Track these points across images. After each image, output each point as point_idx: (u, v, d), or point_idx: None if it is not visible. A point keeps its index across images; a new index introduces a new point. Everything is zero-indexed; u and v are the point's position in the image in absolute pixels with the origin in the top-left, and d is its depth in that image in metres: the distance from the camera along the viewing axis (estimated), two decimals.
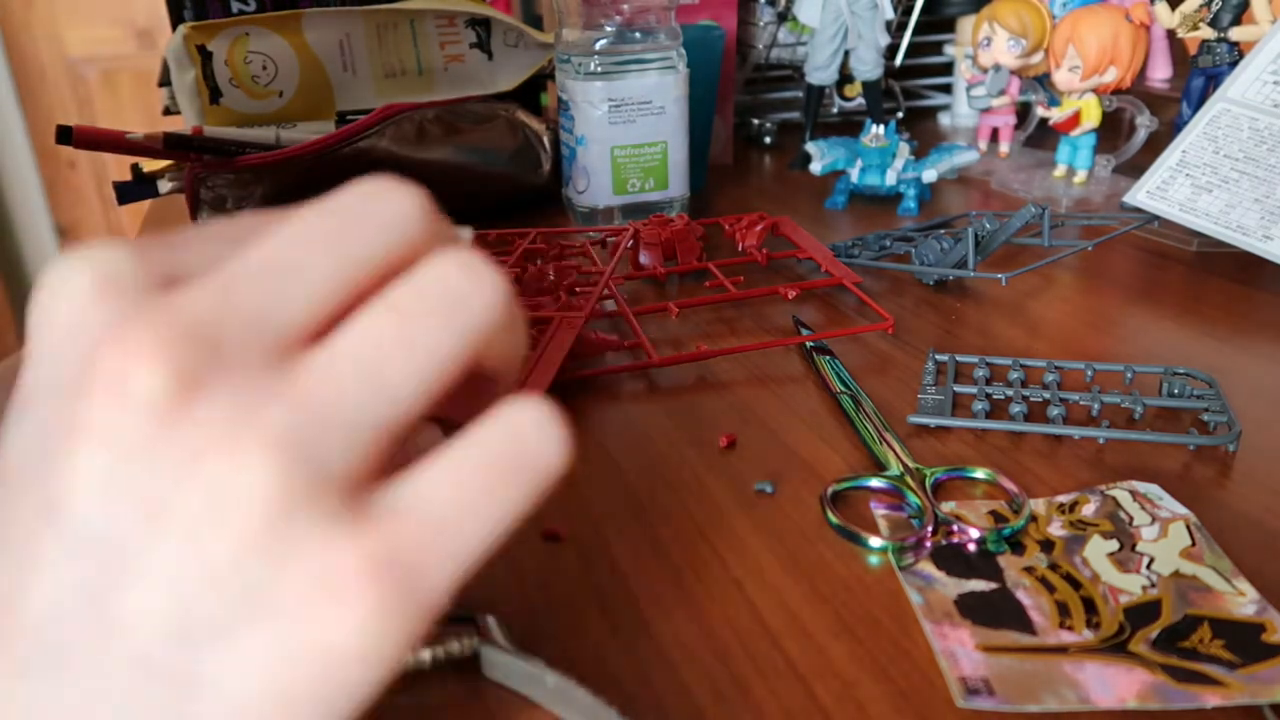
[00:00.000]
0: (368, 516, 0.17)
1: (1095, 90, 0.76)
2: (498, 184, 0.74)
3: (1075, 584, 0.34)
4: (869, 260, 0.62)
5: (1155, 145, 0.71)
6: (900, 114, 1.01)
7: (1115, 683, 0.29)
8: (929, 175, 0.74)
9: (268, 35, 0.71)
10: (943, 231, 0.64)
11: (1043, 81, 0.80)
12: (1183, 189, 0.62)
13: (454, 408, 0.21)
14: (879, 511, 0.38)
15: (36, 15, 2.12)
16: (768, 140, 0.96)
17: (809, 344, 0.51)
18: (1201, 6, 0.71)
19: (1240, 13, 0.71)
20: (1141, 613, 0.32)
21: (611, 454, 0.43)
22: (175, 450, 0.16)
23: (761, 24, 0.96)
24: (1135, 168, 0.73)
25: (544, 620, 0.33)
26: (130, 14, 2.15)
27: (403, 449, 0.19)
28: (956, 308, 0.57)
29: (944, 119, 1.03)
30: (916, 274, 0.61)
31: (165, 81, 0.73)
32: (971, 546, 0.36)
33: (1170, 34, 0.80)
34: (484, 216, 0.73)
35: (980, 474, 0.40)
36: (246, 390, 0.17)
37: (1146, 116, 0.78)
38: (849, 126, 0.94)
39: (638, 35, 0.67)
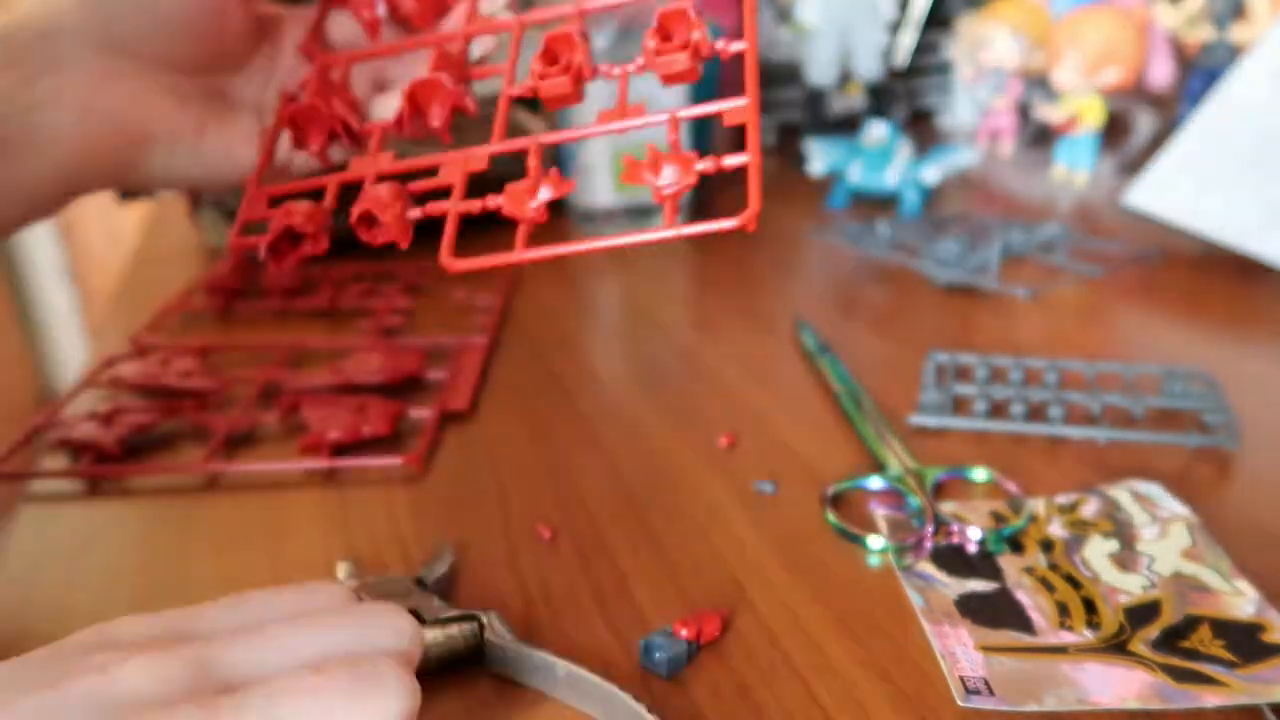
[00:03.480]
0: None
1: (1097, 90, 0.76)
2: (497, 184, 0.74)
3: (1075, 584, 0.34)
4: (881, 251, 0.62)
5: (1156, 145, 0.71)
6: (900, 114, 1.01)
7: (1115, 683, 0.29)
8: (929, 175, 0.74)
9: None
10: (956, 231, 0.64)
11: (1043, 82, 0.80)
12: (1182, 189, 0.62)
13: None
14: (879, 512, 0.38)
15: None
16: (768, 140, 0.96)
17: (808, 344, 0.51)
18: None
19: (1240, 12, 0.71)
20: (1141, 613, 0.32)
21: (612, 454, 0.43)
22: None
23: (761, 24, 0.96)
24: (1136, 168, 0.73)
25: (544, 619, 0.33)
26: None
27: None
28: (958, 307, 0.57)
29: (944, 119, 1.03)
30: (929, 275, 0.61)
31: None
32: (971, 547, 0.36)
33: (1171, 34, 0.80)
34: (483, 216, 0.73)
35: (980, 474, 0.40)
36: None
37: (1147, 116, 0.78)
38: (849, 126, 0.94)
39: (638, 35, 0.67)
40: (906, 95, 1.03)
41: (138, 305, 0.62)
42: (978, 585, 0.34)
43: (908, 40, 0.98)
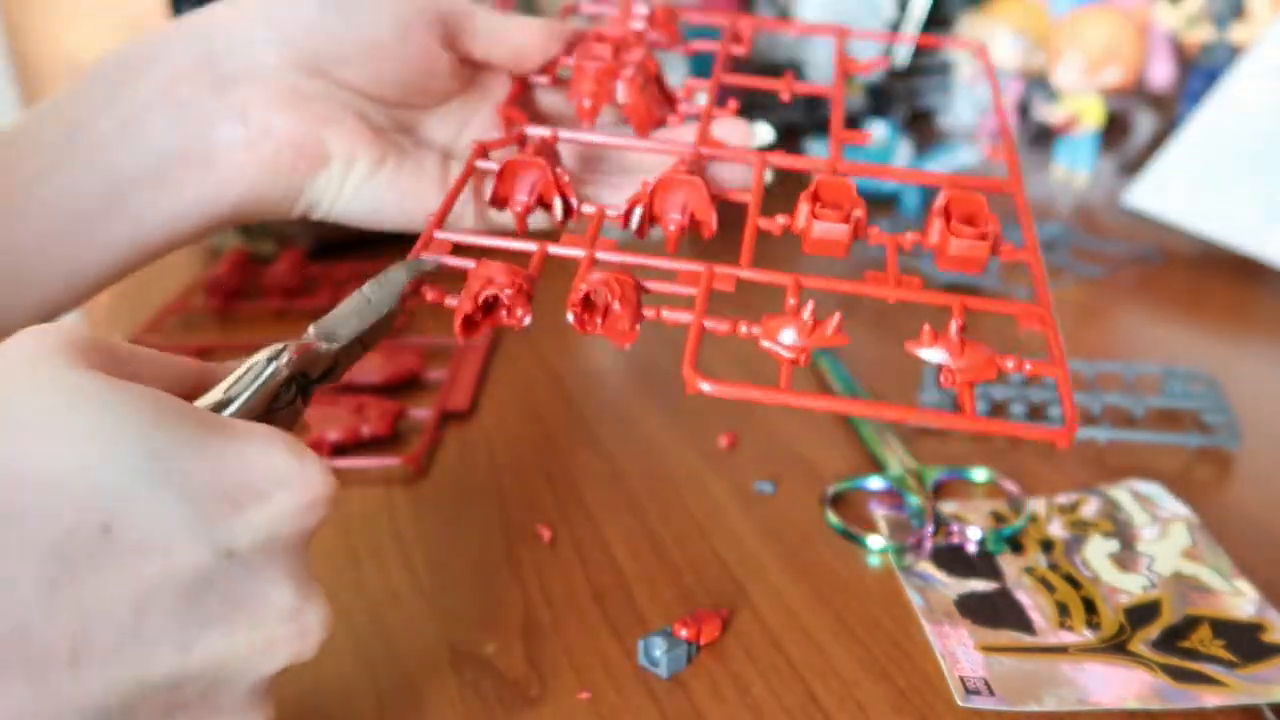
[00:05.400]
0: None
1: (1097, 90, 0.76)
2: None
3: (1075, 584, 0.34)
4: (881, 251, 0.61)
5: (1156, 145, 0.71)
6: (900, 114, 1.01)
7: (1115, 683, 0.29)
8: None
9: None
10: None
11: (1043, 82, 0.80)
12: (1182, 189, 0.62)
13: None
14: (879, 512, 0.38)
15: (36, 15, 2.12)
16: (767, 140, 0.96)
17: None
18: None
19: (1240, 12, 0.71)
20: (1141, 613, 0.32)
21: (612, 453, 0.43)
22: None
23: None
24: (1136, 168, 0.73)
25: (544, 620, 0.33)
26: (130, 13, 2.15)
27: None
28: None
29: (944, 119, 1.03)
30: (929, 275, 0.60)
31: None
32: (971, 547, 0.36)
33: (1171, 34, 0.79)
34: None
35: (980, 474, 0.40)
36: None
37: (1147, 116, 0.78)
38: (849, 126, 0.94)
39: None
40: (906, 95, 1.03)
41: (137, 305, 0.62)
42: (978, 585, 0.34)
43: (914, 39, 0.98)
